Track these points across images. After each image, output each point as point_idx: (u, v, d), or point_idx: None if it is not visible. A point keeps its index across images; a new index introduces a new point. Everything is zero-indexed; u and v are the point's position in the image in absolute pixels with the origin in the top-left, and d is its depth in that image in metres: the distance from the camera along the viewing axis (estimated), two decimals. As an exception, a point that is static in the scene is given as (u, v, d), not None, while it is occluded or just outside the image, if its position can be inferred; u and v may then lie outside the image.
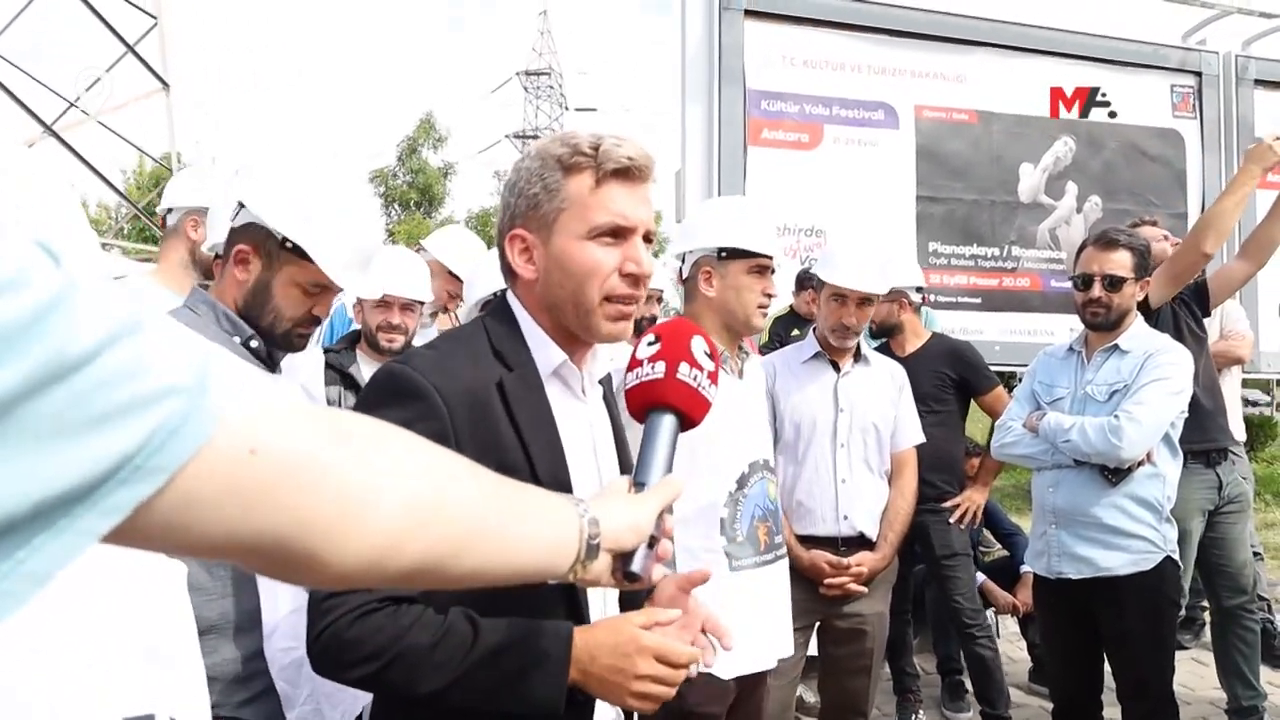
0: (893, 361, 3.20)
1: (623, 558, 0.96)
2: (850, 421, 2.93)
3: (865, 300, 2.92)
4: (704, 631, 1.31)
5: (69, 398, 0.44)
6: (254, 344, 1.77)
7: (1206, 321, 3.84)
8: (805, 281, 4.80)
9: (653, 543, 0.99)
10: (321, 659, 1.19)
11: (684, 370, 1.13)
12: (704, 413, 1.15)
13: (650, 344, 1.18)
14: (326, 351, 2.90)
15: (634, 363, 1.18)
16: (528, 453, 1.29)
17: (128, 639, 1.11)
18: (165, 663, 1.15)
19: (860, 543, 2.93)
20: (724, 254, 2.32)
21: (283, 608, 1.68)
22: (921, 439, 3.15)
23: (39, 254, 0.44)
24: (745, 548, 2.28)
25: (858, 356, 3.02)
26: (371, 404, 1.27)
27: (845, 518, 2.91)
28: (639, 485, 1.04)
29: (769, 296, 2.33)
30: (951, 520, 3.80)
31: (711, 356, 1.18)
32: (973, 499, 3.87)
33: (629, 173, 1.31)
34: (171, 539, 0.53)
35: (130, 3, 18.00)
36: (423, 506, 0.69)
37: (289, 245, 1.71)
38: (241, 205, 1.75)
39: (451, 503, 0.73)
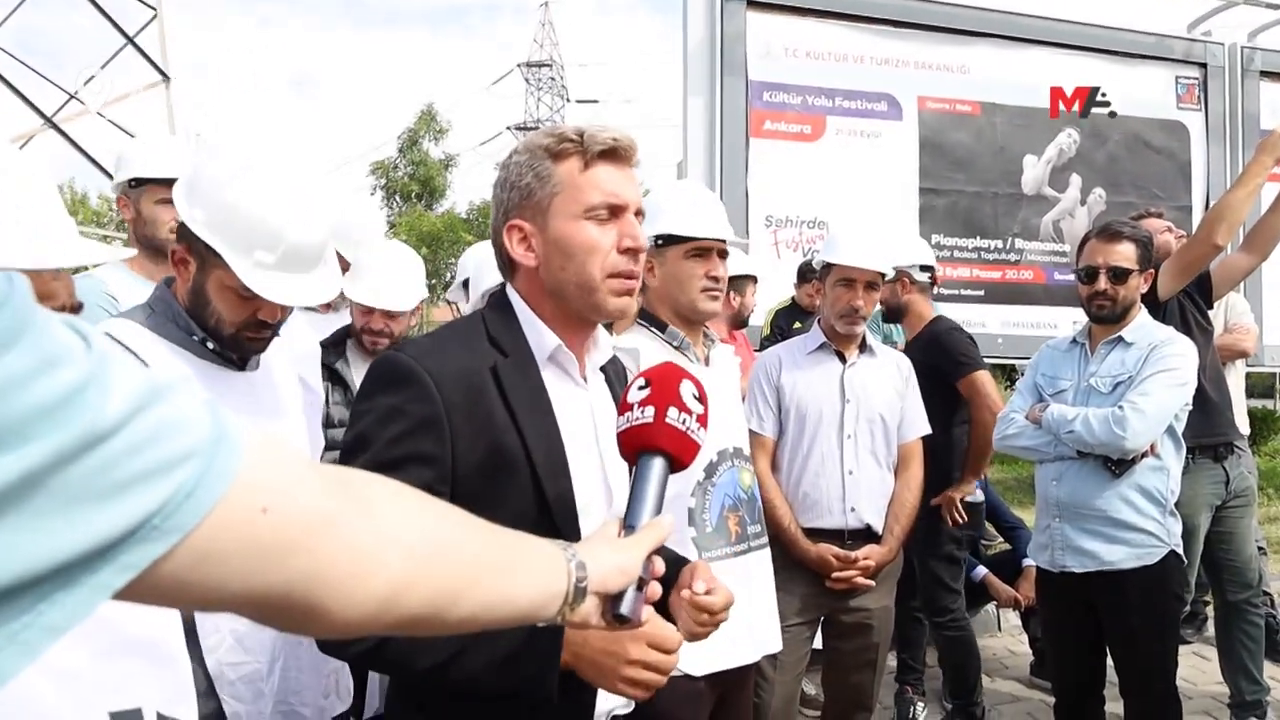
0: (898, 352, 3.17)
1: (612, 600, 0.98)
2: (857, 412, 2.90)
3: (872, 284, 2.89)
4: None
5: (97, 465, 0.47)
6: (210, 345, 1.67)
7: (1211, 314, 3.82)
8: (807, 274, 4.77)
9: (641, 584, 1.00)
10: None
11: (673, 415, 1.15)
12: (694, 455, 1.16)
13: (640, 388, 1.19)
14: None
15: (624, 406, 1.19)
16: (521, 435, 1.32)
17: (115, 633, 1.10)
18: (152, 658, 1.14)
19: (866, 535, 2.91)
20: (660, 241, 2.25)
21: (226, 621, 1.56)
22: (927, 430, 3.13)
23: (73, 335, 0.49)
24: (715, 538, 2.21)
25: (863, 348, 2.99)
26: (369, 391, 1.32)
27: (852, 510, 2.88)
28: (628, 528, 1.05)
29: (714, 279, 2.25)
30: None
31: (701, 400, 1.19)
32: (946, 495, 3.75)
33: (615, 153, 1.37)
34: (184, 593, 0.55)
35: (130, -6, 17.96)
36: (422, 559, 0.73)
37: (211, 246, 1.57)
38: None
39: (448, 554, 0.77)
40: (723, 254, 2.29)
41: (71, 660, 1.07)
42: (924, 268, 3.85)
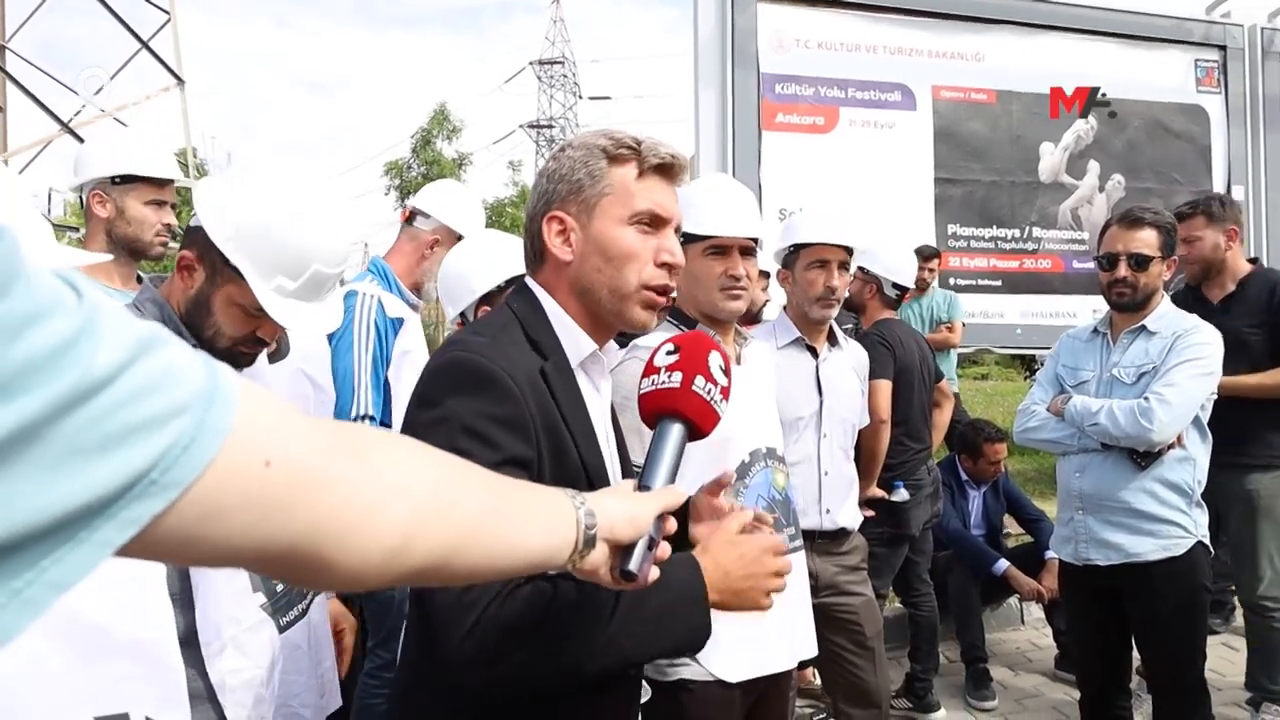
0: (855, 344, 3.10)
1: (620, 556, 0.98)
2: (832, 411, 2.82)
3: (843, 264, 2.78)
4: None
5: (91, 418, 0.47)
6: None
7: None
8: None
9: (651, 544, 1.01)
10: (479, 652, 1.13)
11: (699, 383, 1.17)
12: (713, 425, 1.18)
13: (669, 353, 1.20)
14: None
15: (650, 369, 1.20)
16: (575, 440, 1.31)
17: (101, 637, 1.08)
18: (141, 661, 1.13)
19: (839, 536, 2.82)
20: (682, 238, 2.23)
21: (226, 629, 1.54)
22: (867, 420, 3.13)
23: (64, 286, 0.48)
24: None
25: (831, 339, 2.89)
26: (436, 397, 1.25)
27: (828, 511, 2.79)
28: (643, 488, 1.07)
29: (734, 278, 2.18)
30: None
31: (726, 372, 1.21)
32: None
33: (669, 169, 1.40)
34: (189, 549, 0.55)
35: (143, -1, 18.07)
36: (428, 508, 0.73)
37: (230, 262, 1.55)
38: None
39: (454, 502, 0.77)
40: (746, 251, 2.22)
41: (53, 664, 1.05)
42: (896, 285, 3.83)
